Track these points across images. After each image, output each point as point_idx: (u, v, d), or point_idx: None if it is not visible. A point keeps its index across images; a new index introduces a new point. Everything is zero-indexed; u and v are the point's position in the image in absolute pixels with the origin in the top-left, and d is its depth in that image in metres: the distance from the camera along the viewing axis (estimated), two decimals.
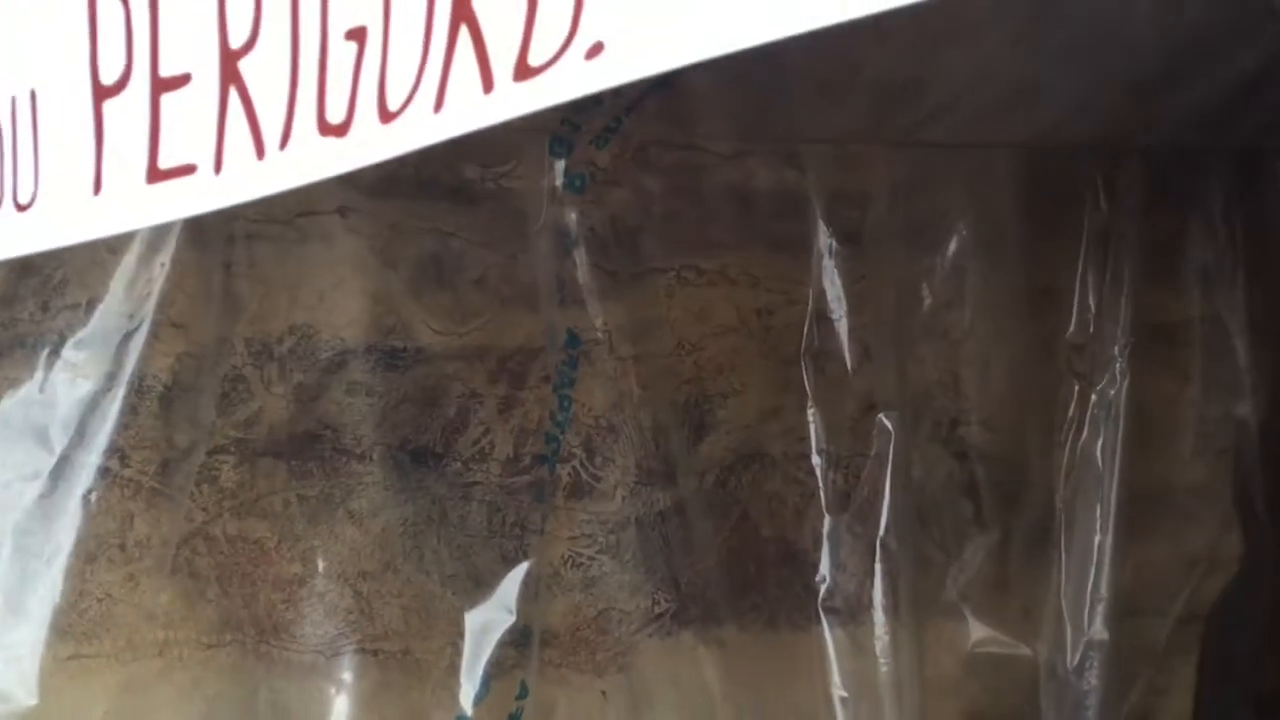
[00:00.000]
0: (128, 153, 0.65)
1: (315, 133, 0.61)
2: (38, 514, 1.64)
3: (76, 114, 0.66)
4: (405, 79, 0.59)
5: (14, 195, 0.67)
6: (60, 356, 1.65)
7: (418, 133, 0.59)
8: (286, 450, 1.77)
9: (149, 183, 0.64)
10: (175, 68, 0.63)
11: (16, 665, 1.59)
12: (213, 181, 0.63)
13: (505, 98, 0.57)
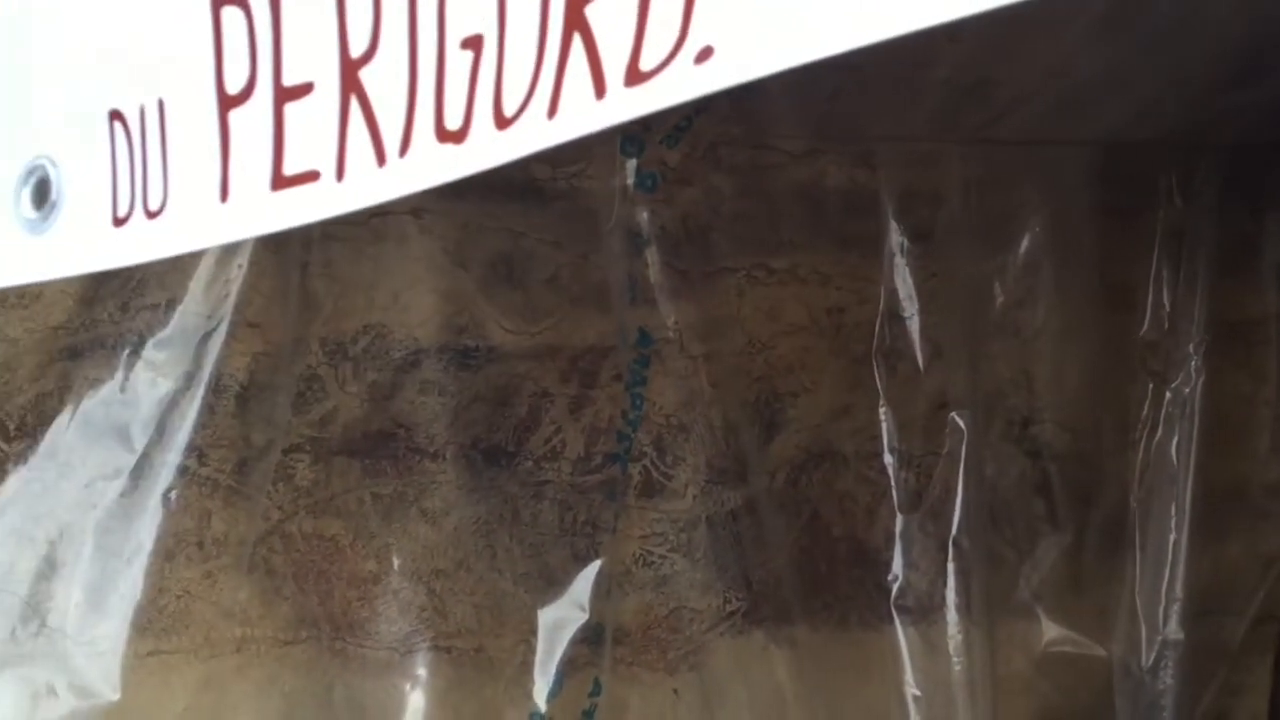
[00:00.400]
0: (253, 160, 0.68)
1: (434, 139, 0.64)
2: (118, 512, 1.68)
3: (203, 123, 0.69)
4: (520, 86, 0.62)
5: (144, 203, 0.71)
6: (140, 356, 1.69)
7: (532, 138, 0.62)
8: (360, 449, 1.82)
9: (274, 189, 0.68)
10: (298, 77, 0.67)
11: (99, 661, 1.63)
12: (335, 188, 0.67)
13: (617, 103, 0.60)
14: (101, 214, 0.72)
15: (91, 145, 0.73)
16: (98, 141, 0.73)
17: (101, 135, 0.73)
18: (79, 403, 1.70)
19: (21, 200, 0.74)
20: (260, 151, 0.68)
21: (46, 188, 0.73)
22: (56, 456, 1.70)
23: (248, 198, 0.68)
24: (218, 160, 0.68)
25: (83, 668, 1.64)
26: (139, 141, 0.71)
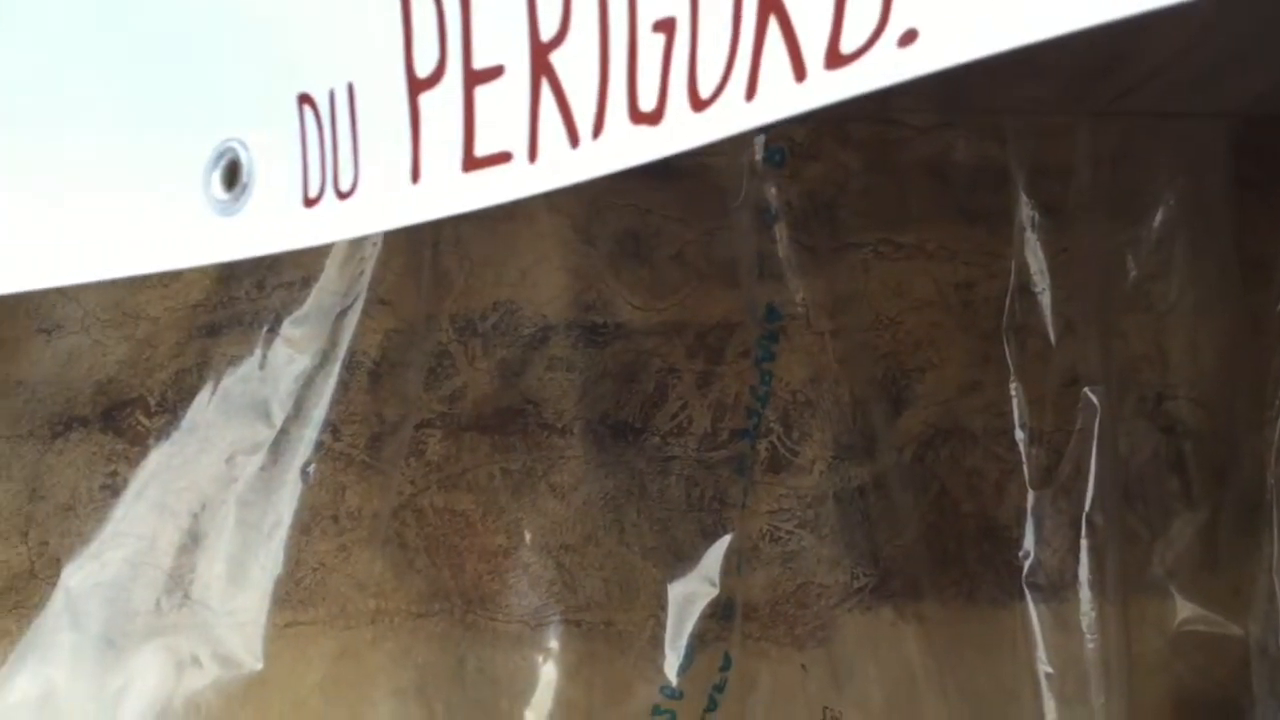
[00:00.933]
0: (443, 142, 0.69)
1: (627, 121, 0.65)
2: (258, 486, 1.72)
3: (393, 106, 0.71)
4: (715, 68, 0.63)
5: (335, 184, 0.72)
6: (278, 333, 1.73)
7: (730, 121, 0.63)
8: (490, 424, 1.84)
9: (465, 171, 0.69)
10: (488, 60, 0.68)
11: (241, 632, 1.67)
12: (528, 169, 0.68)
13: (818, 85, 0.61)
14: (292, 195, 0.74)
15: (281, 128, 0.74)
16: (287, 124, 0.74)
17: (291, 118, 0.74)
18: (219, 379, 1.74)
19: (212, 182, 0.76)
20: (450, 133, 0.69)
21: (237, 170, 0.75)
22: (196, 432, 1.74)
23: (439, 179, 0.69)
24: (408, 142, 0.70)
25: (225, 638, 1.68)
26: (329, 124, 0.73)
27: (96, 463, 1.74)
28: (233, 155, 0.75)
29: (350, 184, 0.71)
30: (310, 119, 0.73)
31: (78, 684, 1.65)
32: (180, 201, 0.76)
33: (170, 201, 0.76)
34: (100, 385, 1.75)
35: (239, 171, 0.74)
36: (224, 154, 0.75)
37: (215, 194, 0.75)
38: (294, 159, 0.73)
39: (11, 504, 1.70)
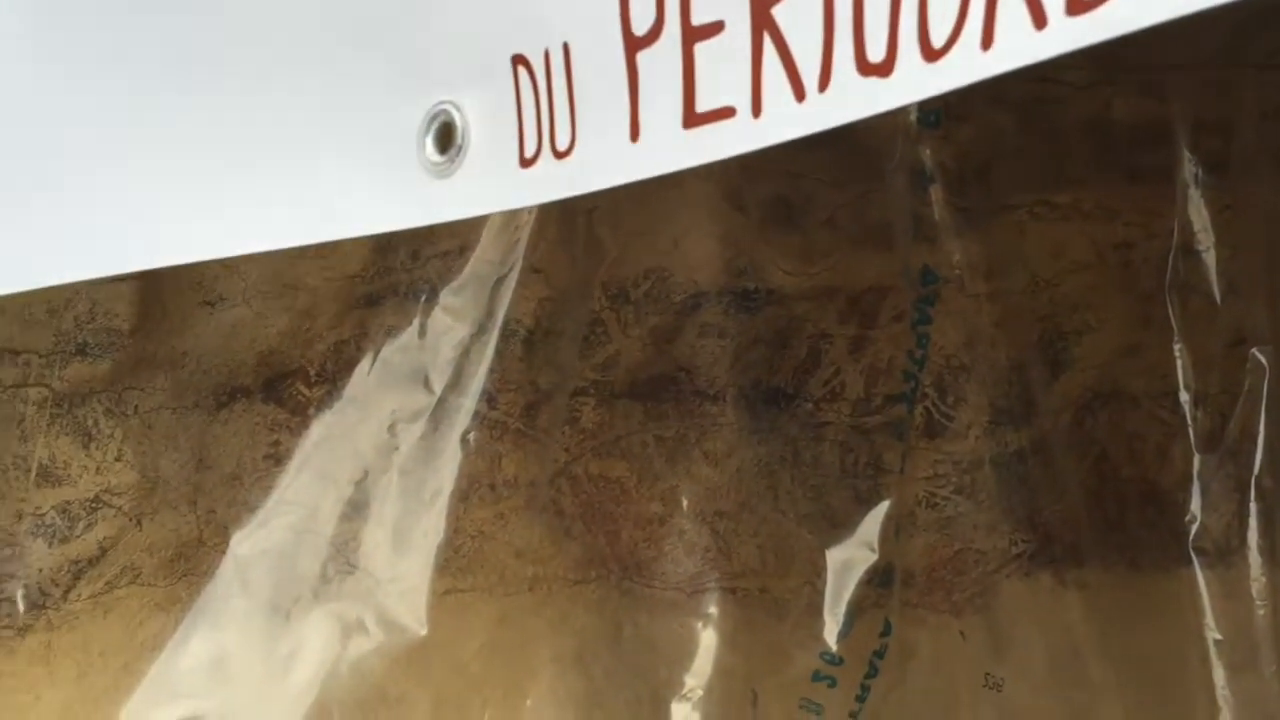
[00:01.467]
0: (663, 99, 0.69)
1: (855, 73, 0.65)
2: (419, 454, 1.74)
3: (610, 65, 0.71)
4: (948, 16, 0.62)
5: (552, 144, 0.73)
6: (437, 302, 1.75)
7: (965, 71, 0.62)
8: (643, 392, 1.85)
9: (686, 127, 0.69)
10: (707, 16, 0.68)
11: (407, 598, 1.70)
12: (751, 124, 0.67)
13: (1059, 33, 0.60)
14: (508, 156, 0.74)
15: (496, 90, 0.75)
16: (502, 86, 0.75)
17: (505, 80, 0.75)
18: (378, 349, 1.76)
19: (425, 146, 0.76)
20: (670, 91, 0.69)
21: (450, 132, 0.76)
22: (356, 401, 1.77)
23: (659, 136, 0.69)
24: (626, 101, 0.70)
25: (390, 605, 1.71)
26: (544, 85, 0.73)
27: (260, 433, 1.77)
28: (446, 118, 0.75)
29: (567, 143, 0.72)
30: (525, 80, 0.73)
31: (248, 649, 1.69)
32: (393, 165, 0.76)
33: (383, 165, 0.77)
34: (262, 356, 1.78)
35: (453, 134, 0.75)
36: (436, 117, 0.76)
37: (429, 157, 0.75)
38: (509, 120, 0.74)
39: (179, 474, 1.74)
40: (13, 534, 1.68)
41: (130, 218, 0.83)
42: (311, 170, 0.78)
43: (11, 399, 1.69)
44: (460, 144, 0.74)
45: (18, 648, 1.67)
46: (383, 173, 0.77)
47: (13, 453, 1.68)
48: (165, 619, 1.71)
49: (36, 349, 1.70)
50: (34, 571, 1.68)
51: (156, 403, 1.74)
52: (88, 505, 1.70)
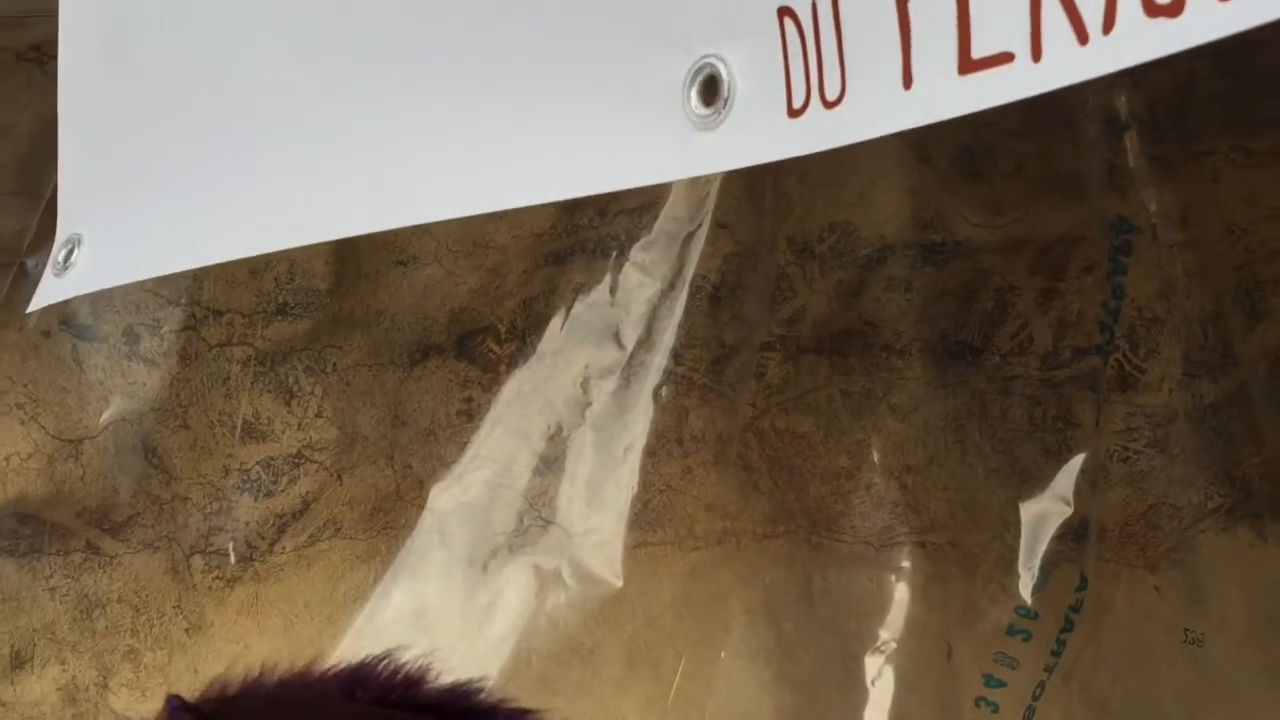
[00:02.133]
0: (936, 46, 0.70)
1: (1141, 14, 0.65)
2: (612, 409, 1.77)
3: (880, 13, 0.72)
4: None
5: (821, 94, 0.74)
6: (628, 259, 1.77)
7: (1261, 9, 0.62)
8: (829, 346, 1.85)
9: (961, 74, 0.69)
10: None
11: (601, 551, 1.73)
12: (1030, 69, 0.68)
13: None
14: (775, 107, 0.75)
15: (761, 42, 0.76)
16: (768, 38, 0.76)
17: (771, 31, 0.76)
18: (569, 305, 1.79)
19: (690, 99, 0.78)
20: (943, 37, 0.69)
21: (715, 85, 0.77)
22: (546, 358, 1.80)
23: (932, 83, 0.70)
24: (897, 48, 0.71)
25: (585, 558, 1.74)
26: (811, 35, 0.74)
27: (452, 389, 1.81)
28: (710, 70, 0.77)
29: (837, 93, 0.73)
30: (792, 30, 0.75)
31: (447, 600, 1.73)
32: (657, 119, 0.78)
33: (646, 120, 0.78)
34: (453, 314, 1.82)
35: (717, 87, 0.76)
36: (700, 71, 0.77)
37: (694, 110, 0.77)
38: (775, 71, 0.75)
39: (376, 429, 1.78)
40: (220, 489, 1.74)
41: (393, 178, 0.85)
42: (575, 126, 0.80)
43: (217, 357, 1.75)
44: (726, 96, 0.75)
45: (227, 598, 1.73)
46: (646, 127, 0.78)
47: (219, 409, 1.74)
48: (365, 571, 1.76)
49: (240, 309, 1.75)
50: (241, 525, 1.74)
51: (354, 360, 1.78)
52: (290, 460, 1.76)
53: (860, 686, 1.76)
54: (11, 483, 1.66)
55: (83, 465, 1.69)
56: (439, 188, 0.86)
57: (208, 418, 1.74)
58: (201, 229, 0.99)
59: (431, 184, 0.87)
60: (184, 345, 1.72)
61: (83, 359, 1.70)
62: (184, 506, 1.72)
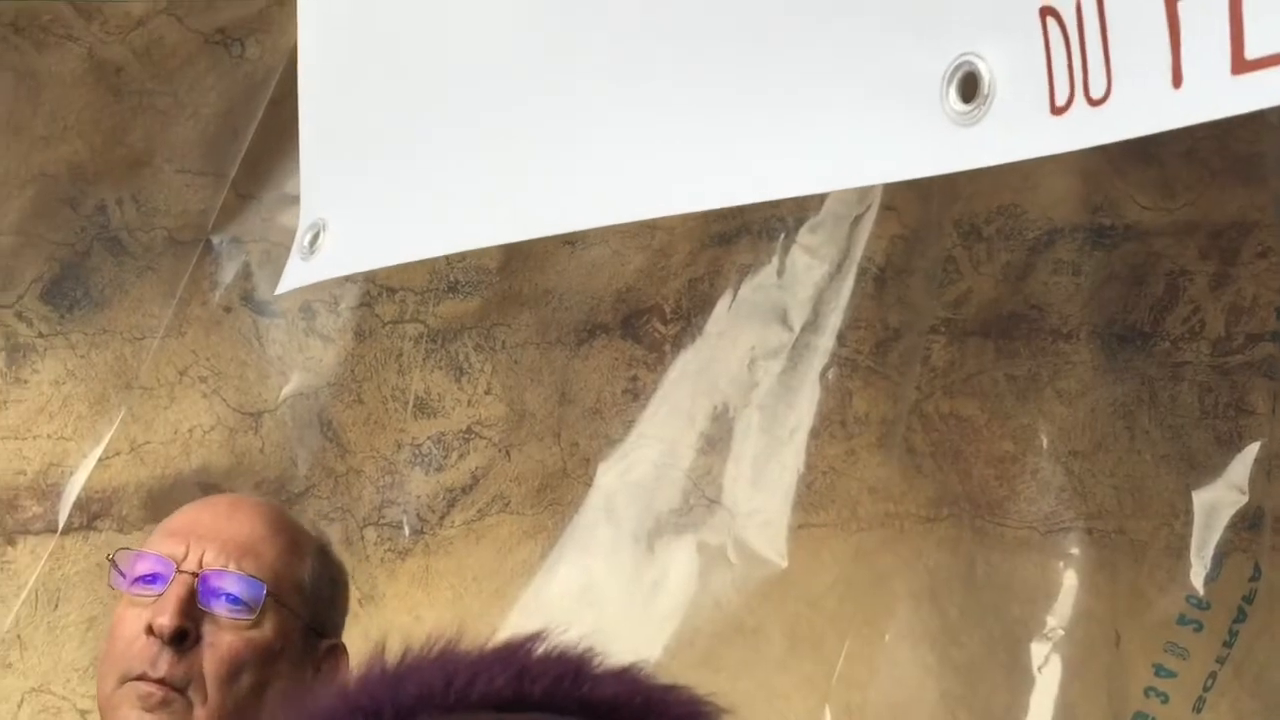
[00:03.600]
0: (1208, 46, 0.72)
1: None
2: (778, 391, 1.80)
3: (1148, 13, 0.74)
4: None
5: (1086, 91, 0.76)
6: (795, 241, 1.80)
7: None
8: (994, 330, 1.87)
9: (1235, 73, 0.71)
10: None
11: (765, 531, 1.77)
12: None
13: None
14: (1038, 104, 0.78)
15: (1023, 40, 0.78)
16: (1029, 37, 0.78)
17: (1033, 30, 0.78)
18: (736, 287, 1.82)
19: (948, 95, 0.81)
20: (1215, 37, 0.71)
21: (974, 82, 0.80)
22: (712, 339, 1.84)
23: (1205, 83, 0.72)
24: (1166, 48, 0.73)
25: (749, 538, 1.78)
26: (1075, 34, 0.76)
27: (618, 368, 1.85)
28: (969, 68, 0.79)
29: (1103, 91, 0.75)
30: (1055, 29, 0.77)
31: (614, 577, 1.78)
32: (915, 115, 0.81)
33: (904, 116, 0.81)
34: (620, 294, 1.86)
35: (977, 84, 0.79)
36: (959, 68, 0.80)
37: (952, 106, 0.79)
38: (1038, 69, 0.77)
39: (544, 407, 1.83)
40: (393, 463, 1.79)
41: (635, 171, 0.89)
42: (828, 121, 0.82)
43: (390, 334, 1.80)
44: (987, 94, 0.78)
45: (399, 570, 1.79)
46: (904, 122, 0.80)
47: (391, 385, 1.80)
48: (533, 546, 1.81)
49: (412, 287, 1.81)
50: (412, 499, 1.80)
51: (522, 338, 1.83)
52: (461, 436, 1.81)
53: (1025, 673, 1.78)
54: (194, 454, 1.73)
55: (262, 438, 1.75)
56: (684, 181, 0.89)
57: (381, 393, 1.79)
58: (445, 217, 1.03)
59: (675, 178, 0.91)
60: (359, 322, 1.78)
61: (262, 334, 1.76)
62: (358, 480, 1.78)
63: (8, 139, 1.68)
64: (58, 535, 1.67)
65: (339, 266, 1.15)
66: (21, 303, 1.71)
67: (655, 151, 0.90)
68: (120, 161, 1.72)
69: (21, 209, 1.70)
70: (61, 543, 1.67)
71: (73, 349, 1.71)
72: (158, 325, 1.72)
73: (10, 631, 1.65)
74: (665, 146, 0.90)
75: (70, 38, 1.68)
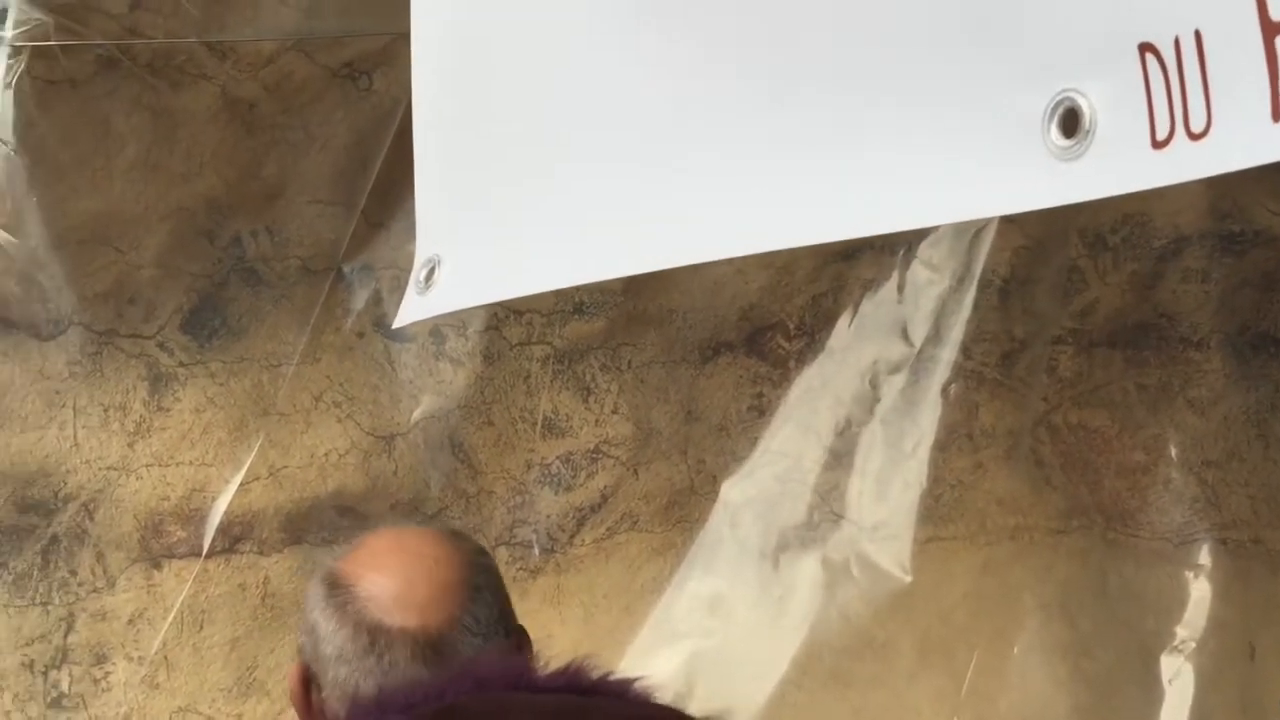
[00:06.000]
0: None
1: None
2: (900, 405, 1.84)
3: (1247, 49, 0.77)
4: None
5: (1186, 126, 0.79)
6: (915, 256, 1.83)
7: None
8: (1122, 339, 1.89)
9: None
10: None
11: (891, 545, 1.80)
12: None
13: None
14: (1138, 139, 0.81)
15: (1123, 76, 0.82)
16: (1129, 72, 0.82)
17: (1132, 66, 0.82)
18: (857, 303, 1.86)
19: (1049, 131, 0.84)
20: None
21: (1076, 117, 0.83)
22: (835, 353, 1.88)
23: None
24: (1265, 82, 0.76)
25: (874, 552, 1.82)
26: (1174, 69, 0.80)
27: (743, 385, 1.90)
28: (1070, 104, 0.83)
29: (1203, 125, 0.78)
30: (1154, 65, 0.80)
31: (740, 593, 1.83)
32: (1015, 151, 0.85)
33: (1005, 152, 0.85)
34: (744, 311, 1.91)
35: (1078, 120, 0.83)
36: (1060, 104, 0.83)
37: (1054, 141, 0.83)
38: (1138, 105, 0.81)
39: (670, 425, 1.89)
40: (523, 483, 1.86)
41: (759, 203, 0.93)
42: (936, 157, 0.87)
43: (518, 356, 1.87)
44: (1088, 129, 0.81)
45: (530, 589, 1.85)
46: (1007, 158, 0.84)
47: (520, 406, 1.86)
48: (661, 563, 1.87)
49: (539, 309, 1.87)
50: (542, 518, 1.86)
51: (647, 358, 1.89)
52: (589, 455, 1.87)
53: (1158, 685, 1.80)
54: (331, 477, 1.81)
55: (395, 460, 1.83)
56: (796, 215, 0.94)
57: (510, 414, 1.86)
58: (559, 251, 1.09)
59: (789, 212, 0.95)
60: (487, 345, 1.85)
61: (394, 359, 1.84)
62: (489, 500, 1.85)
63: (147, 176, 1.77)
64: (202, 559, 1.76)
65: (454, 301, 1.20)
66: (163, 333, 1.80)
67: (769, 185, 0.95)
68: (254, 194, 1.81)
69: (161, 243, 1.79)
70: (205, 566, 1.76)
71: (212, 377, 1.80)
72: (293, 352, 1.81)
73: (158, 653, 1.74)
74: (778, 181, 0.95)
75: (204, 76, 1.76)
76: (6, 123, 1.67)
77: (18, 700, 1.71)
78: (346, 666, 1.03)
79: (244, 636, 1.76)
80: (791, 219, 0.94)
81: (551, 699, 0.65)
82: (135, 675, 1.73)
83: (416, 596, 1.02)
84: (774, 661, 1.80)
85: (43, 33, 1.65)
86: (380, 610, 1.03)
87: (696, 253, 1.02)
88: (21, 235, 1.69)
